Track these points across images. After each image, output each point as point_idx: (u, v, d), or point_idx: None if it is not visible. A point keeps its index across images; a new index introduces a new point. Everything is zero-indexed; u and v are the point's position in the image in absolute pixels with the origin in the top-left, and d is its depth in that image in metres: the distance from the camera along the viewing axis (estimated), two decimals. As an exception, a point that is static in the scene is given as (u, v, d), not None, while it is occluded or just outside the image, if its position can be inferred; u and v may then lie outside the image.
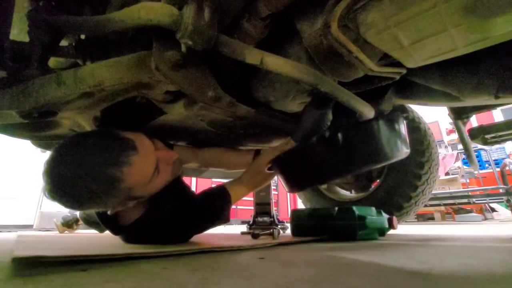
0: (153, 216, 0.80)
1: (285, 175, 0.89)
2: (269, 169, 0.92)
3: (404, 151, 0.77)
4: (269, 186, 1.91)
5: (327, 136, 0.75)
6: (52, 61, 0.88)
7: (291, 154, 0.86)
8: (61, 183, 0.63)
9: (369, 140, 0.73)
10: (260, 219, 1.82)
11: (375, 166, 0.77)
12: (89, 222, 1.76)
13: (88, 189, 0.64)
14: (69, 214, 2.02)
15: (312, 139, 0.80)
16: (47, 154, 0.70)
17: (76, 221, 2.00)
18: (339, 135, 0.72)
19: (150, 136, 0.80)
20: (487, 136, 1.29)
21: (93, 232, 2.00)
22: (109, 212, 0.76)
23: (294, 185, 0.91)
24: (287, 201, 7.67)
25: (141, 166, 0.71)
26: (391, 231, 1.17)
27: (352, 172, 0.78)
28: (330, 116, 0.84)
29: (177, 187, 0.90)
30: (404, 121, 0.82)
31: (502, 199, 4.30)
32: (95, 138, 0.69)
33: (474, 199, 4.53)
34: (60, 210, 2.16)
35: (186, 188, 0.94)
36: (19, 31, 0.76)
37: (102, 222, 0.85)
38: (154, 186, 0.77)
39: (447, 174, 5.54)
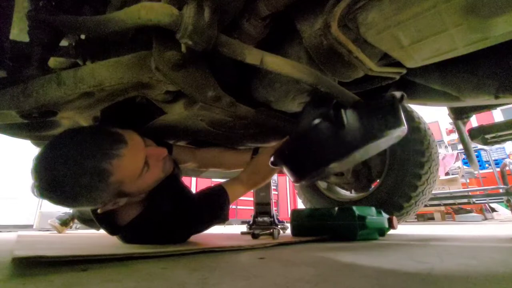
0: (151, 216, 0.80)
1: (290, 165, 0.89)
2: (273, 163, 0.92)
3: (400, 129, 0.78)
4: (269, 186, 1.91)
5: (332, 116, 0.75)
6: (52, 61, 0.88)
7: (293, 141, 0.86)
8: (50, 178, 0.63)
9: (367, 119, 0.74)
10: (260, 219, 1.82)
11: (373, 143, 0.78)
12: (84, 220, 1.76)
13: (77, 184, 0.64)
14: (63, 214, 2.03)
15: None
16: None
17: (71, 218, 2.01)
18: (343, 114, 0.73)
19: (150, 139, 0.80)
20: (487, 136, 1.29)
21: (93, 232, 2.00)
22: (99, 210, 0.76)
23: (300, 174, 0.91)
24: (287, 201, 7.67)
25: (131, 160, 0.71)
26: (391, 231, 1.17)
27: (354, 151, 0.77)
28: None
29: (175, 186, 0.90)
30: (400, 101, 0.82)
31: (502, 199, 4.30)
32: (85, 133, 0.69)
33: (474, 199, 4.53)
34: (60, 210, 2.16)
35: (185, 188, 0.94)
36: (19, 31, 0.76)
37: (98, 221, 0.85)
38: (145, 182, 0.77)
39: (447, 174, 5.55)
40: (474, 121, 4.60)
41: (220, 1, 0.61)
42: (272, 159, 0.90)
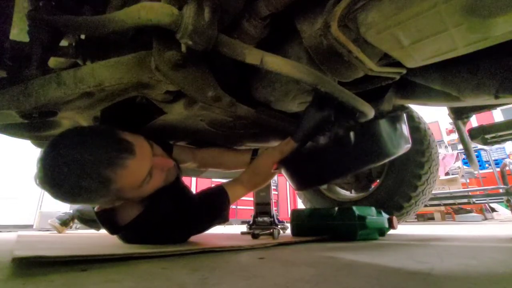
0: (151, 216, 0.80)
1: (294, 175, 0.90)
2: (276, 169, 0.92)
3: (405, 147, 0.80)
4: (269, 186, 1.91)
5: (340, 137, 0.76)
6: (52, 61, 0.88)
7: (300, 154, 0.87)
8: (54, 174, 0.63)
9: (375, 139, 0.76)
10: (260, 219, 1.82)
11: (380, 163, 0.80)
12: (84, 220, 1.76)
13: (79, 185, 0.64)
14: (63, 214, 2.03)
15: (313, 139, 0.82)
16: None
17: (71, 218, 2.01)
18: (351, 135, 0.74)
19: (150, 139, 0.79)
20: (487, 136, 1.29)
21: (93, 232, 2.00)
22: (95, 208, 0.76)
23: (302, 184, 0.92)
24: (287, 201, 7.67)
25: (135, 170, 0.70)
26: (391, 231, 1.17)
27: (359, 170, 0.81)
28: (331, 118, 0.85)
29: (175, 187, 0.90)
30: (405, 117, 0.84)
31: (502, 199, 4.30)
32: (96, 136, 0.69)
33: (474, 199, 4.53)
34: (59, 210, 2.16)
35: (185, 188, 0.94)
36: (19, 31, 0.76)
37: (99, 221, 0.85)
38: (144, 190, 0.77)
39: (447, 174, 5.54)
40: (474, 121, 4.60)
41: (220, 1, 0.61)
42: (276, 165, 0.91)
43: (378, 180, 1.71)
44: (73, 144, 0.65)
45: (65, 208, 2.30)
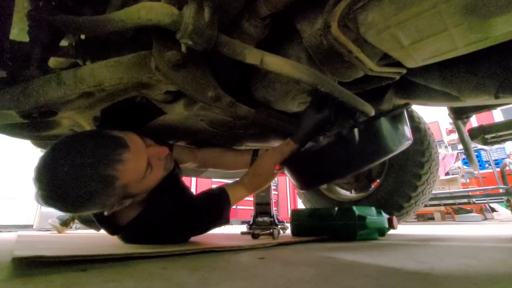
0: (150, 216, 0.80)
1: (297, 174, 0.90)
2: (279, 170, 0.92)
3: (406, 143, 0.81)
4: (269, 186, 1.91)
5: (344, 135, 0.77)
6: (52, 61, 0.88)
7: (303, 154, 0.87)
8: (57, 187, 0.63)
9: (376, 137, 0.76)
10: (260, 219, 1.82)
11: (382, 160, 0.81)
12: (84, 221, 1.77)
13: (85, 190, 0.64)
14: (63, 214, 2.03)
15: (313, 139, 0.82)
16: None
17: (72, 218, 2.01)
18: (355, 133, 0.75)
19: (144, 135, 0.80)
20: (487, 136, 1.29)
21: (93, 232, 2.00)
22: (106, 213, 0.76)
23: (306, 183, 0.93)
24: (287, 201, 7.67)
25: (134, 163, 0.71)
26: (391, 231, 1.17)
27: (362, 168, 0.81)
28: (331, 119, 0.85)
29: (175, 187, 0.90)
30: (406, 113, 0.84)
31: (502, 199, 4.30)
32: (86, 139, 0.69)
33: (474, 199, 4.53)
34: (59, 210, 2.16)
35: (185, 188, 0.94)
36: (19, 31, 0.76)
37: (98, 222, 0.85)
38: (149, 182, 0.77)
39: (447, 174, 5.54)
40: (474, 121, 4.60)
41: (220, 1, 0.61)
42: (279, 166, 0.91)
43: (378, 180, 1.71)
44: (67, 152, 0.65)
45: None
